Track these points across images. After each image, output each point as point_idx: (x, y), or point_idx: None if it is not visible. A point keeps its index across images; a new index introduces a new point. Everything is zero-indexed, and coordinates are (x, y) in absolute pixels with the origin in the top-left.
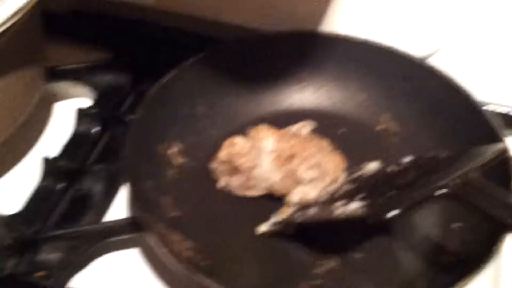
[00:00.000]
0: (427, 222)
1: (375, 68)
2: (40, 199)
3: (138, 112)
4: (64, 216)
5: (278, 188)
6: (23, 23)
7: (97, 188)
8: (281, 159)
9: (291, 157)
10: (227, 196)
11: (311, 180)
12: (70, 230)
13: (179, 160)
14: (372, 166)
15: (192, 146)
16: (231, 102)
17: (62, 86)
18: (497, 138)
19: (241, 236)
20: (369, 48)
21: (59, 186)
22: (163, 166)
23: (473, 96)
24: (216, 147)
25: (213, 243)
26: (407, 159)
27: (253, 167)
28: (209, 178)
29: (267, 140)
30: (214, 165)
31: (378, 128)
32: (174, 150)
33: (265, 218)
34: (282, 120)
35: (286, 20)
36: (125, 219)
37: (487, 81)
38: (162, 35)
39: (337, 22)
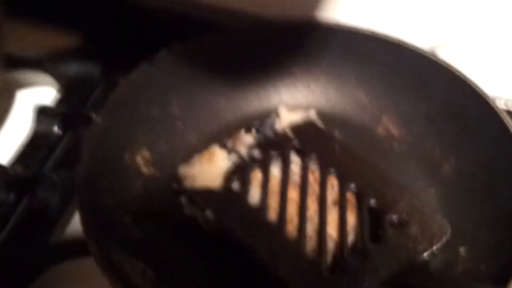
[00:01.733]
0: None
1: (376, 62)
2: None
3: (98, 116)
4: (15, 232)
5: None
6: None
7: (54, 199)
8: None
9: None
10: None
11: None
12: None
13: (145, 171)
14: None
15: (161, 155)
16: (210, 101)
17: (23, 75)
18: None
19: (209, 266)
20: (370, 40)
21: (10, 197)
22: (126, 180)
23: (487, 95)
24: (190, 155)
25: (176, 274)
26: None
27: None
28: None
29: None
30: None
31: (379, 130)
32: (140, 159)
33: None
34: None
35: (280, 6)
36: (77, 240)
37: (498, 75)
38: (139, 18)
39: (337, 10)
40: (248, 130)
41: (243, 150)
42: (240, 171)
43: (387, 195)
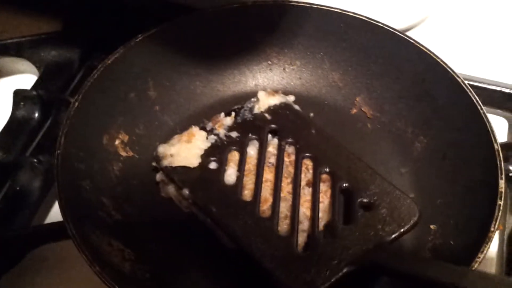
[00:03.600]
0: None
1: (351, 43)
2: None
3: (75, 100)
4: None
5: None
6: None
7: (35, 184)
8: None
9: None
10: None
11: None
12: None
13: (124, 154)
14: None
15: (139, 138)
16: (187, 84)
17: (3, 61)
18: (483, 124)
19: (184, 245)
20: (345, 20)
21: None
22: (105, 162)
23: (457, 75)
24: (168, 138)
25: (154, 253)
26: None
27: None
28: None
29: None
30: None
31: (353, 111)
32: (118, 142)
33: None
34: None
35: None
36: (60, 222)
37: (473, 53)
38: (119, 1)
39: None
40: (227, 114)
41: (221, 132)
42: (217, 151)
43: (359, 178)
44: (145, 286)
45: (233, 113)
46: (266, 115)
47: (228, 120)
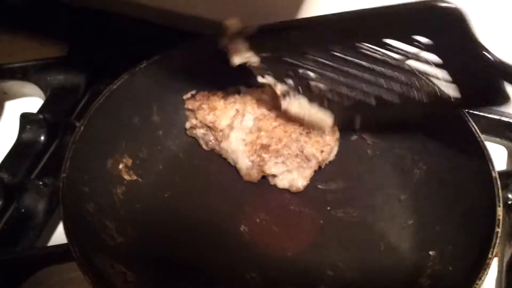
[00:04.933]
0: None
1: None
2: None
3: (80, 124)
4: (1, 238)
5: (242, 173)
6: None
7: (40, 206)
8: (254, 147)
9: (264, 148)
10: (177, 222)
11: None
12: (4, 257)
13: (127, 178)
14: None
15: (143, 161)
16: None
17: (11, 85)
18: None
19: (187, 271)
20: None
21: None
22: (109, 185)
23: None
24: (171, 160)
25: (156, 278)
26: None
27: (222, 135)
28: (159, 200)
29: (250, 112)
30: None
31: (354, 138)
32: (122, 166)
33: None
34: None
35: (261, 13)
36: (64, 245)
37: None
38: (124, 28)
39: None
40: None
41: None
42: None
43: None
44: None
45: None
46: None
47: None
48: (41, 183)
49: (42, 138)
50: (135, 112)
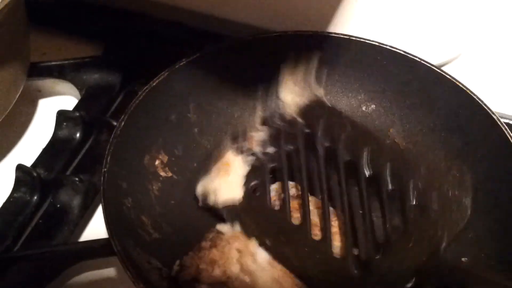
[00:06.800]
0: None
1: (386, 76)
2: (11, 212)
3: (121, 120)
4: (37, 232)
5: None
6: (7, 13)
7: (76, 201)
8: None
9: None
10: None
11: None
12: (42, 250)
13: (163, 173)
14: None
15: (178, 159)
16: (225, 108)
17: (46, 83)
18: None
19: None
20: (382, 53)
21: (34, 197)
22: (146, 181)
23: (492, 111)
24: (206, 159)
25: None
26: None
27: (242, 283)
28: (194, 197)
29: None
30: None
31: (387, 143)
32: (158, 162)
33: None
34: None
35: (295, 20)
36: (100, 240)
37: (506, 91)
38: (158, 29)
39: (348, 26)
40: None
41: (257, 150)
42: (258, 174)
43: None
44: None
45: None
46: (298, 118)
47: (262, 135)
48: (76, 179)
49: (78, 135)
50: (173, 110)
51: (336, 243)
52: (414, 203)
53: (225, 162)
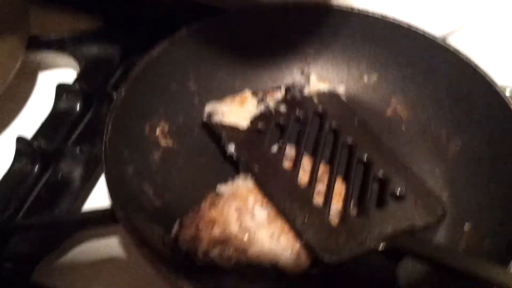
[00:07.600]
0: None
1: (389, 47)
2: (13, 182)
3: (122, 89)
4: (39, 202)
5: (289, 270)
6: None
7: (77, 172)
8: (287, 236)
9: None
10: (212, 187)
11: None
12: (44, 219)
13: (164, 142)
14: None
15: (179, 128)
16: (225, 78)
17: (45, 56)
18: None
19: None
20: (384, 24)
21: (35, 168)
22: (147, 150)
23: (495, 82)
24: (205, 128)
25: None
26: None
27: (242, 241)
28: (195, 166)
29: (256, 204)
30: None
31: (388, 113)
32: (159, 132)
33: None
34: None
35: None
36: (103, 210)
37: (508, 63)
38: (158, 1)
39: None
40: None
41: (271, 103)
42: (265, 120)
43: (393, 171)
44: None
45: (284, 90)
46: (314, 99)
47: (279, 95)
48: (77, 149)
49: (78, 108)
50: (173, 79)
51: (319, 195)
52: (397, 191)
53: (242, 95)
